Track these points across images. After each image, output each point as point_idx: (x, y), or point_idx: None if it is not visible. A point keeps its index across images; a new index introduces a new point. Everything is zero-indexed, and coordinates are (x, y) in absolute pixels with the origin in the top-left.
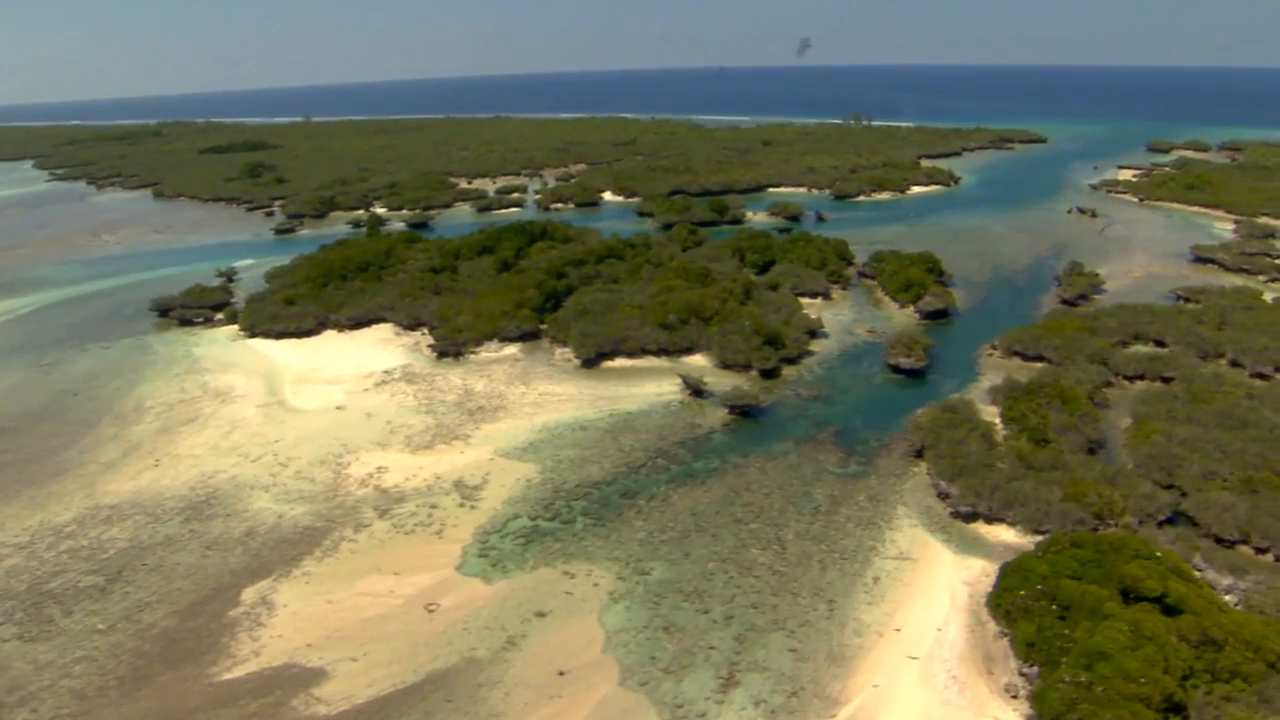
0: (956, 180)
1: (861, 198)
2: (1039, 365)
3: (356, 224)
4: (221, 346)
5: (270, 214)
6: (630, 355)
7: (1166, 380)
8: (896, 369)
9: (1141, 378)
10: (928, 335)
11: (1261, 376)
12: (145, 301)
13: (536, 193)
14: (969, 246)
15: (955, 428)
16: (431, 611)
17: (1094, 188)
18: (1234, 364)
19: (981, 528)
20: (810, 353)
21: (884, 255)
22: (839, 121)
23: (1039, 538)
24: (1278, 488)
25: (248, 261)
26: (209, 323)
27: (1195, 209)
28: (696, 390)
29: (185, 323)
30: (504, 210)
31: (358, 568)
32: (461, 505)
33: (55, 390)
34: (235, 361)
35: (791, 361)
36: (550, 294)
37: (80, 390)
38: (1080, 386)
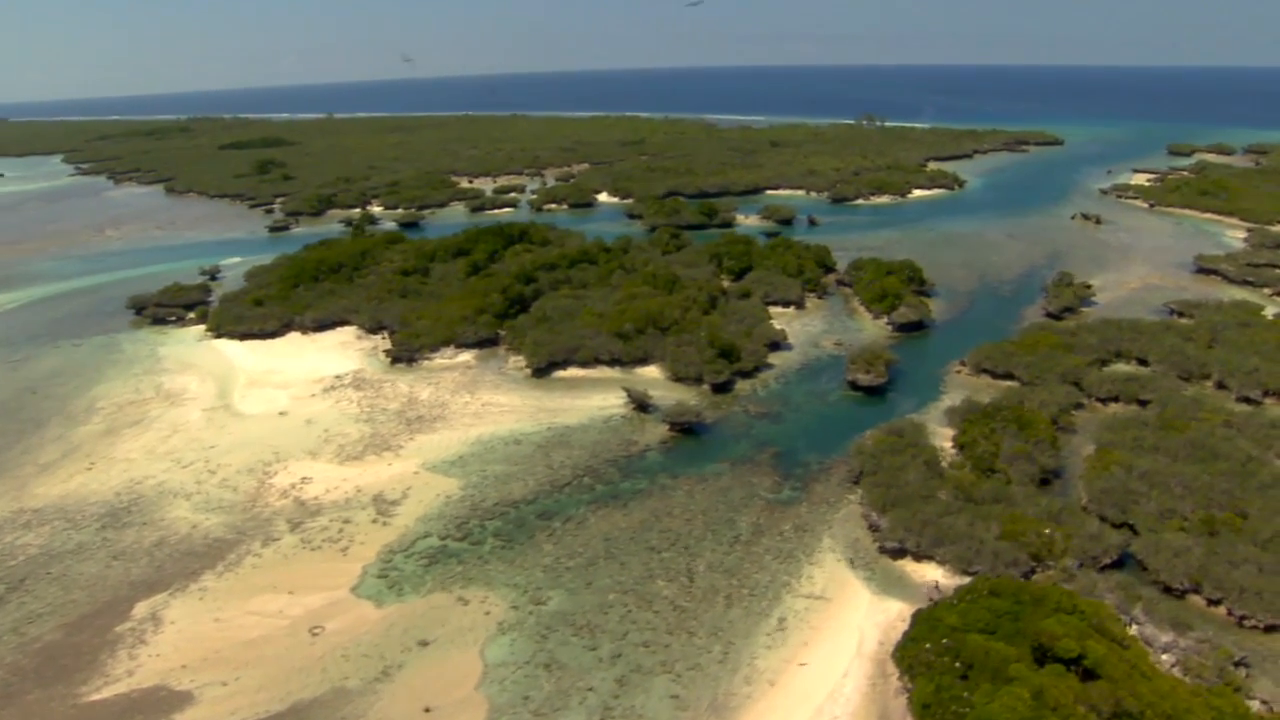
0: (961, 184)
1: (860, 201)
2: (1009, 384)
3: (349, 223)
4: (186, 347)
5: (270, 211)
6: (583, 365)
7: (1143, 403)
8: (855, 386)
9: (1116, 400)
10: (899, 349)
11: (1248, 401)
12: (127, 299)
13: (533, 193)
14: (959, 253)
15: (898, 453)
16: (315, 635)
17: (1104, 192)
18: (1220, 386)
19: (909, 565)
20: (769, 366)
21: (863, 263)
22: (851, 122)
23: (968, 579)
24: (1240, 531)
25: (235, 259)
26: (180, 322)
27: (1207, 216)
28: (641, 404)
29: (158, 321)
30: (497, 210)
31: (255, 585)
32: (375, 521)
33: (16, 388)
34: (195, 362)
35: (747, 375)
36: (516, 299)
37: (40, 388)
38: (1045, 409)
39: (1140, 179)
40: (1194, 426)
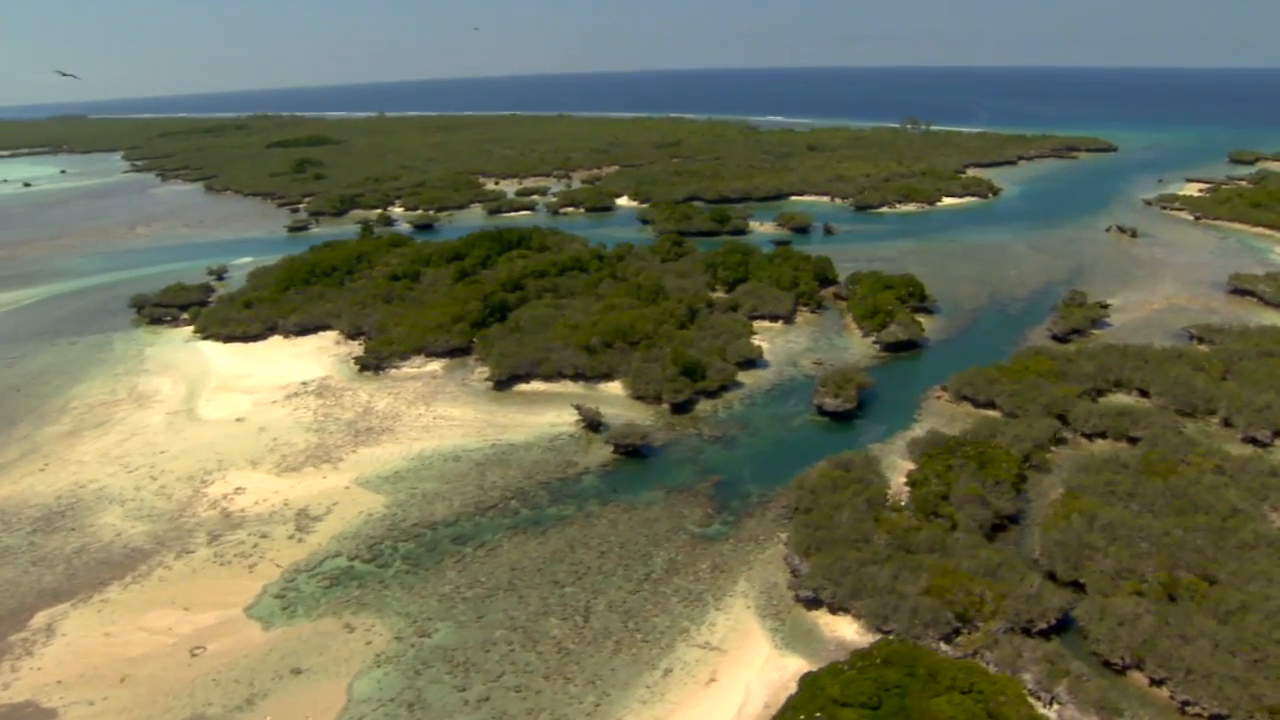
0: (995, 192)
1: (885, 209)
2: (990, 414)
3: (365, 223)
4: (172, 348)
5: (296, 210)
6: (546, 379)
7: (1133, 440)
8: (822, 410)
9: (1103, 435)
10: (883, 370)
11: (1255, 442)
12: (130, 298)
13: (554, 196)
14: (974, 267)
15: (840, 489)
16: (195, 656)
17: (1148, 203)
18: (1226, 424)
19: (823, 618)
20: (738, 385)
21: (860, 276)
22: (896, 126)
23: (883, 637)
24: (1203, 598)
25: (246, 259)
26: (174, 322)
27: (1259, 230)
28: (591, 423)
29: (155, 321)
30: (515, 213)
31: (155, 599)
32: (291, 537)
33: (3, 385)
34: (174, 364)
35: (712, 395)
36: (497, 307)
37: (24, 386)
38: (1019, 445)
39: (1191, 189)
40: (1180, 471)
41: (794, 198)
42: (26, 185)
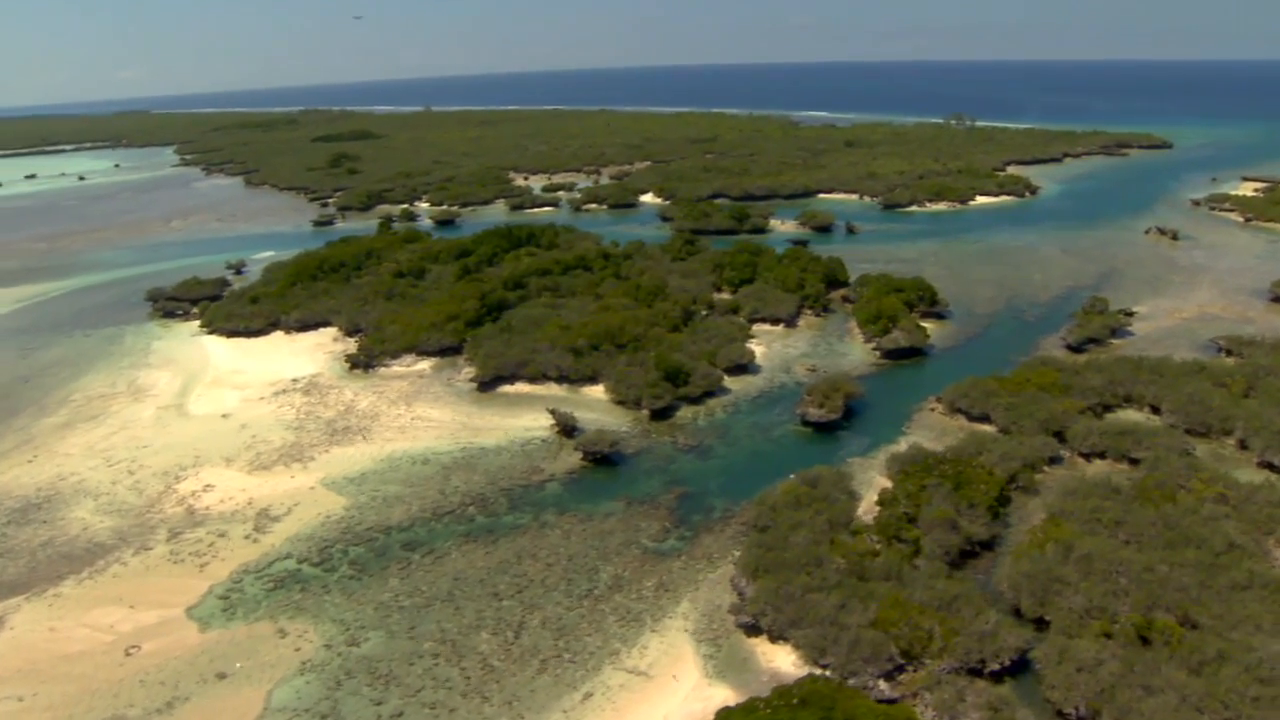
0: (1033, 191)
1: (914, 208)
2: (984, 428)
3: (389, 219)
4: (178, 342)
5: (325, 205)
6: (531, 380)
7: (1134, 461)
8: (806, 420)
9: (1102, 456)
10: (879, 378)
11: (1271, 468)
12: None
13: (578, 192)
14: (997, 270)
15: (802, 507)
16: (129, 655)
17: (1196, 203)
18: (1242, 446)
19: (762, 646)
20: (725, 391)
21: (868, 278)
22: (940, 122)
23: (820, 670)
24: (1179, 645)
25: (268, 254)
26: (185, 316)
27: None
28: (566, 428)
29: (168, 315)
30: (538, 209)
31: (105, 595)
32: (247, 537)
33: (14, 376)
34: (176, 358)
35: (695, 401)
36: (495, 306)
37: (33, 378)
38: (1005, 464)
39: (1246, 188)
40: (1178, 498)
41: (822, 195)
42: (81, 179)
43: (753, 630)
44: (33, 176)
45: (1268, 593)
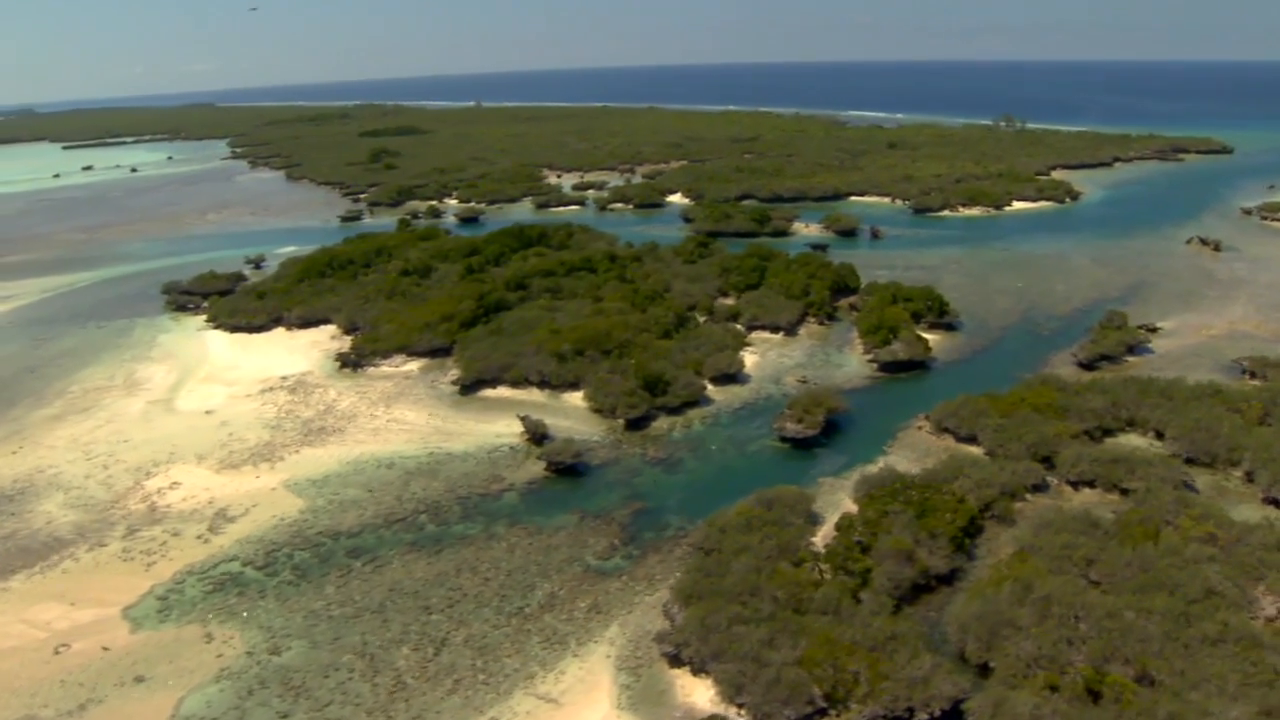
0: (1074, 196)
1: (946, 212)
2: (971, 450)
3: (414, 215)
4: (182, 335)
5: (357, 200)
6: (514, 385)
7: (1125, 492)
8: (783, 436)
9: (1091, 485)
10: (870, 392)
11: (1276, 504)
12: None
13: (604, 191)
14: (1019, 279)
15: (753, 530)
16: (57, 654)
17: (1246, 212)
18: (1249, 478)
19: (683, 678)
20: (708, 402)
21: (875, 286)
22: (989, 123)
23: (736, 709)
24: (1130, 703)
25: (290, 248)
26: (196, 310)
27: None
28: (536, 435)
29: (180, 309)
30: (563, 208)
31: (49, 591)
32: (200, 537)
33: (21, 366)
34: (177, 352)
35: (674, 411)
36: (493, 307)
37: (39, 368)
38: (982, 491)
39: None
40: (1164, 536)
41: (854, 198)
42: (134, 170)
43: (676, 661)
44: (89, 168)
45: (1239, 649)
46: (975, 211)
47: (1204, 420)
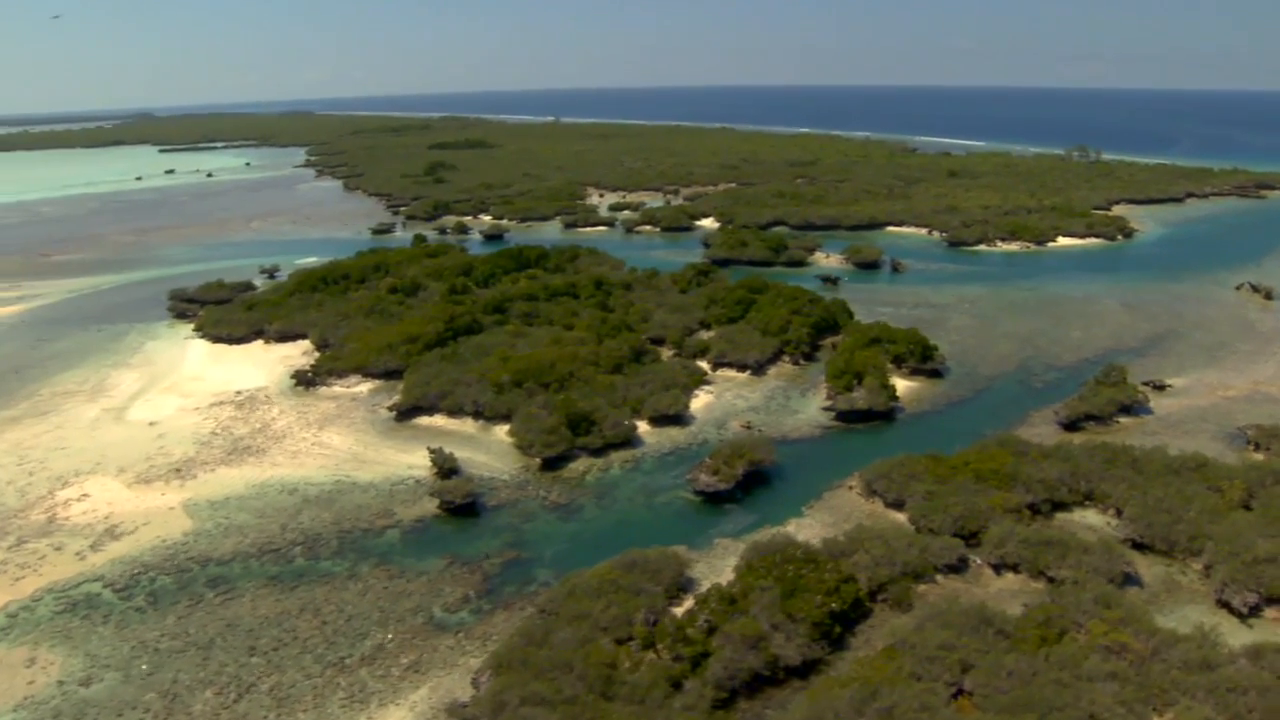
0: (1128, 233)
1: (982, 247)
2: (897, 516)
3: (443, 230)
4: (168, 343)
5: (396, 212)
6: (450, 413)
7: (1052, 580)
8: (696, 489)
9: (1015, 569)
10: (821, 443)
11: (1228, 608)
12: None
13: (635, 213)
14: (1032, 323)
15: (603, 595)
16: None
17: None
18: (1207, 572)
19: None
20: (638, 443)
21: (857, 325)
22: (1060, 153)
23: None
24: None
25: (311, 259)
26: (193, 319)
27: None
28: (445, 470)
29: (180, 316)
30: (591, 229)
31: None
32: (78, 554)
33: (10, 366)
34: (156, 359)
35: (597, 452)
36: (464, 330)
37: (25, 369)
38: (882, 569)
39: None
40: (1066, 644)
41: (890, 228)
42: (209, 175)
43: None
44: (171, 172)
45: None
46: (1014, 247)
47: (1168, 500)
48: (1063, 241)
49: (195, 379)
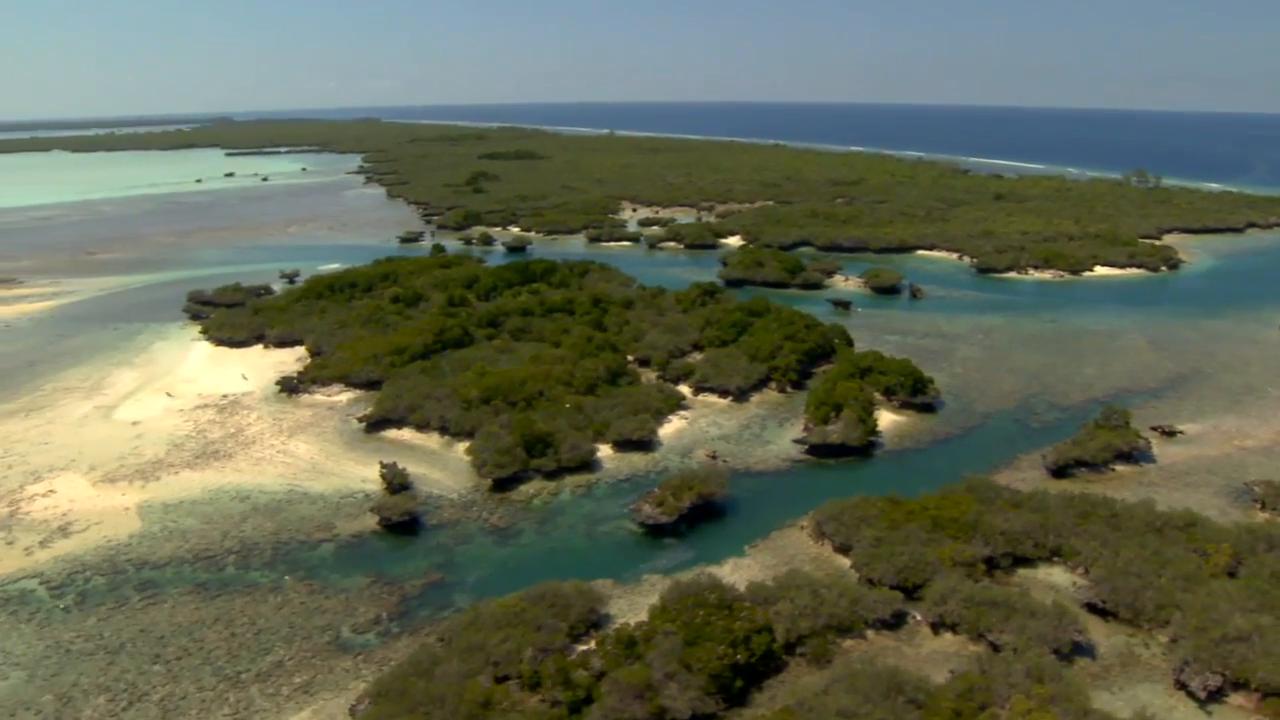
0: (1173, 265)
1: (1013, 274)
2: (844, 561)
3: (468, 240)
4: (174, 344)
5: (429, 221)
6: (418, 428)
7: (994, 647)
8: (639, 520)
9: (954, 630)
10: (784, 478)
11: (1185, 689)
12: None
13: (661, 229)
14: (1045, 358)
15: (502, 628)
16: None
17: None
18: (1173, 643)
19: None
20: (596, 468)
21: (847, 354)
22: (1118, 178)
23: None
24: None
25: (334, 265)
26: (204, 320)
27: None
28: (394, 485)
29: (195, 318)
30: (614, 243)
31: None
32: (26, 549)
33: (24, 361)
34: (159, 360)
35: (550, 475)
36: (453, 343)
37: (38, 364)
38: (803, 620)
39: None
40: None
41: (920, 252)
42: (264, 179)
43: None
44: (230, 175)
45: None
46: (1047, 275)
47: (1141, 562)
48: (1100, 271)
49: (189, 381)
